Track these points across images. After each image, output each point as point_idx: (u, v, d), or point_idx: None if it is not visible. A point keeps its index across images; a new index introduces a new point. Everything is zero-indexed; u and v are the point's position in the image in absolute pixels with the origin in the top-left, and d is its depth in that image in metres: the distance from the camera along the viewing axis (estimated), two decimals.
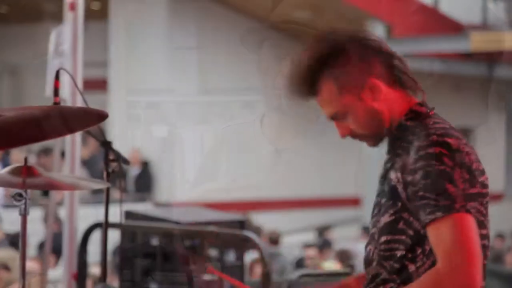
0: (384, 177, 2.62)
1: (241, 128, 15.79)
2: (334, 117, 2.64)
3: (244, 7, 15.57)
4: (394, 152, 2.62)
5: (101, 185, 3.46)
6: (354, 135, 2.65)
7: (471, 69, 17.73)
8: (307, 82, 2.60)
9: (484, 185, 2.54)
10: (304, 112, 2.77)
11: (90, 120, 2.19)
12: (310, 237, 12.99)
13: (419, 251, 2.52)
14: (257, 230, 11.12)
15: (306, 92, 2.62)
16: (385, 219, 2.57)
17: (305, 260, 10.09)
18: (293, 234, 13.30)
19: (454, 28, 16.61)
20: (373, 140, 2.66)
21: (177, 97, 15.08)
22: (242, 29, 15.64)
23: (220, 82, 15.60)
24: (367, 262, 2.64)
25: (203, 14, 15.42)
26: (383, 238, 2.56)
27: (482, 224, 2.51)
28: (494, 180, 16.35)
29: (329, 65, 2.58)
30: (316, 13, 14.62)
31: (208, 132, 15.26)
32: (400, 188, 2.52)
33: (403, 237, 2.53)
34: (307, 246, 10.62)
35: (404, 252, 2.53)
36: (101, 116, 2.16)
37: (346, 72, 2.58)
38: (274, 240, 10.58)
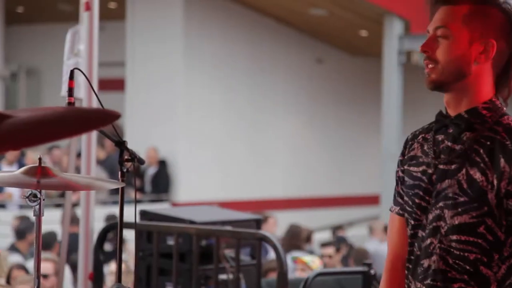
0: (446, 165, 2.57)
1: (258, 127, 15.82)
2: (435, 29, 2.58)
3: (258, 5, 15.56)
4: (467, 143, 2.56)
5: (115, 185, 3.47)
6: (431, 57, 2.57)
7: None
8: None
9: None
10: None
11: (102, 120, 2.20)
12: (327, 235, 12.95)
13: (496, 257, 2.50)
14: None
15: None
16: (464, 219, 2.53)
17: (322, 258, 10.06)
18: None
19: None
20: (437, 77, 2.57)
21: (193, 96, 15.10)
22: (257, 26, 15.67)
23: (234, 81, 15.62)
24: (425, 253, 2.59)
25: (219, 12, 15.42)
26: (456, 237, 2.53)
27: None
28: None
29: (485, 3, 2.57)
30: (333, 10, 14.60)
31: (225, 131, 15.27)
32: (491, 194, 2.49)
33: (481, 241, 2.50)
34: (324, 244, 10.57)
35: (479, 256, 2.50)
36: (113, 116, 2.16)
37: (485, 17, 2.56)
38: (298, 233, 10.55)
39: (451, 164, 2.55)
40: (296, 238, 10.61)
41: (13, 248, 9.60)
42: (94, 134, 4.69)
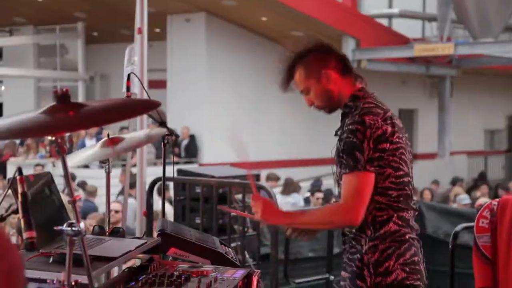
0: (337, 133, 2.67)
1: (258, 111, 15.80)
2: (302, 92, 2.70)
3: (257, 28, 15.52)
4: (342, 125, 2.64)
5: (158, 134, 3.40)
6: (315, 105, 2.69)
7: (414, 69, 17.66)
8: (289, 69, 2.69)
9: (395, 142, 2.52)
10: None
11: (148, 107, 2.18)
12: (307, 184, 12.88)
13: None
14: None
15: (288, 76, 2.69)
16: (338, 170, 2.61)
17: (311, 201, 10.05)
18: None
19: (403, 40, 16.50)
20: (327, 110, 2.70)
21: (213, 92, 15.09)
22: (255, 43, 15.64)
23: (242, 82, 15.59)
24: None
25: (230, 34, 15.37)
26: (341, 181, 2.57)
27: (398, 169, 2.52)
28: (430, 145, 16.41)
29: (301, 60, 2.67)
30: (308, 32, 14.53)
31: (235, 114, 15.26)
32: (340, 152, 2.56)
33: None
34: (316, 190, 10.45)
35: None
36: (155, 104, 2.14)
37: (310, 64, 2.65)
38: (291, 183, 10.57)
39: (339, 140, 2.63)
40: (290, 187, 10.64)
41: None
42: (145, 117, 4.65)
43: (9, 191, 2.28)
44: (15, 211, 2.13)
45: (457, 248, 3.84)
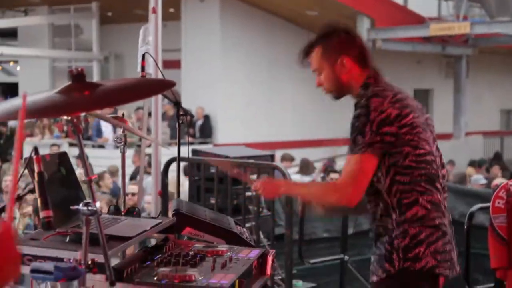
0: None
1: (272, 91, 15.77)
2: (315, 71, 2.69)
3: (271, 8, 15.43)
4: (355, 114, 2.61)
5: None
6: (323, 87, 2.69)
7: (429, 49, 17.49)
8: (309, 46, 2.68)
9: (408, 123, 2.49)
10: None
11: (162, 87, 2.18)
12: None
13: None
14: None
15: (307, 51, 2.68)
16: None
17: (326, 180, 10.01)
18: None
19: (418, 20, 16.35)
20: (334, 95, 2.70)
21: (227, 72, 15.06)
22: (270, 23, 15.56)
23: (256, 61, 15.53)
24: None
25: (244, 13, 15.30)
26: None
27: (416, 147, 2.50)
28: (446, 125, 16.29)
29: (324, 39, 2.66)
30: (322, 12, 14.42)
31: (249, 95, 15.24)
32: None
33: None
34: (331, 171, 10.45)
35: None
36: (169, 84, 2.13)
37: (330, 46, 2.64)
38: (307, 164, 10.53)
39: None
40: (309, 167, 10.62)
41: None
42: (159, 97, 4.64)
43: (26, 170, 2.29)
44: (32, 191, 2.15)
45: (473, 229, 3.82)
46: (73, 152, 9.41)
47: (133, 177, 9.57)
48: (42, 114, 2.65)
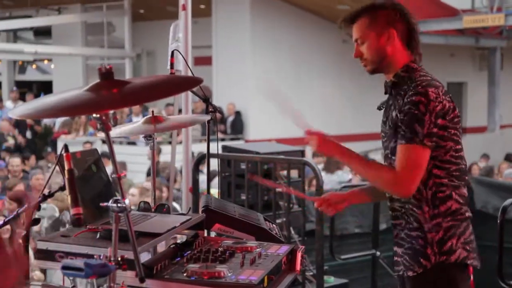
0: (387, 112, 2.60)
1: (300, 86, 15.73)
2: (356, 40, 2.63)
3: (300, 3, 15.38)
4: (393, 95, 2.58)
5: (203, 119, 3.41)
6: (362, 59, 2.62)
7: (463, 41, 17.27)
8: (355, 13, 2.64)
9: (456, 116, 2.49)
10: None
11: (190, 83, 2.18)
12: None
13: None
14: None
15: (352, 18, 2.63)
16: (392, 144, 2.55)
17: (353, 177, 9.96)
18: None
19: (452, 12, 16.14)
20: (371, 68, 2.63)
21: (257, 68, 15.05)
22: (299, 18, 15.51)
23: (284, 56, 15.50)
24: None
25: (273, 9, 15.27)
26: (394, 157, 2.52)
27: (458, 142, 2.50)
28: (480, 118, 16.03)
29: (372, 9, 2.61)
30: (353, 6, 14.32)
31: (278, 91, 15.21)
32: (399, 122, 2.49)
33: None
34: None
35: None
36: (198, 81, 2.13)
37: (379, 16, 2.59)
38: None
39: (386, 109, 2.62)
40: (333, 164, 10.57)
41: None
42: (189, 94, 4.67)
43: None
44: (62, 188, 2.17)
45: (506, 223, 3.77)
46: (106, 149, 9.50)
47: (148, 174, 9.66)
48: (71, 112, 2.67)
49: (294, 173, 4.99)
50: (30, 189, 7.51)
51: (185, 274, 2.24)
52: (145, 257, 2.54)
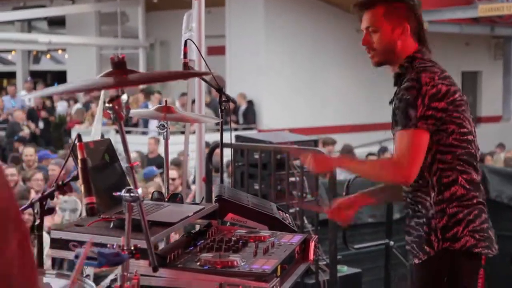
0: (393, 103, 2.60)
1: (315, 77, 15.68)
2: (367, 28, 2.60)
3: None
4: (398, 84, 2.58)
5: (215, 120, 3.44)
6: (370, 47, 2.59)
7: (478, 30, 17.12)
8: (370, 1, 2.59)
9: (457, 100, 2.47)
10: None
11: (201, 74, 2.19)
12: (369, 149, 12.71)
13: None
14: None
15: (367, 4, 2.59)
16: (395, 131, 2.55)
17: None
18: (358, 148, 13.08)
19: (466, 0, 16.00)
20: (378, 59, 2.61)
21: (271, 58, 15.01)
22: (315, 9, 15.43)
23: (299, 47, 15.43)
24: None
25: (291, 1, 15.22)
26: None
27: (461, 125, 2.48)
28: (495, 107, 15.90)
29: (391, 4, 2.58)
30: None
31: (292, 81, 15.18)
32: (396, 110, 2.51)
33: None
34: (370, 154, 10.44)
35: None
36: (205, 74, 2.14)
37: (395, 8, 2.57)
38: (349, 150, 10.44)
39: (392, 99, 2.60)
40: (349, 153, 10.53)
41: None
42: (203, 84, 4.66)
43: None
44: (76, 177, 2.18)
45: None
46: (119, 139, 9.52)
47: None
48: (83, 89, 2.71)
49: None
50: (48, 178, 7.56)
51: (198, 263, 2.25)
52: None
